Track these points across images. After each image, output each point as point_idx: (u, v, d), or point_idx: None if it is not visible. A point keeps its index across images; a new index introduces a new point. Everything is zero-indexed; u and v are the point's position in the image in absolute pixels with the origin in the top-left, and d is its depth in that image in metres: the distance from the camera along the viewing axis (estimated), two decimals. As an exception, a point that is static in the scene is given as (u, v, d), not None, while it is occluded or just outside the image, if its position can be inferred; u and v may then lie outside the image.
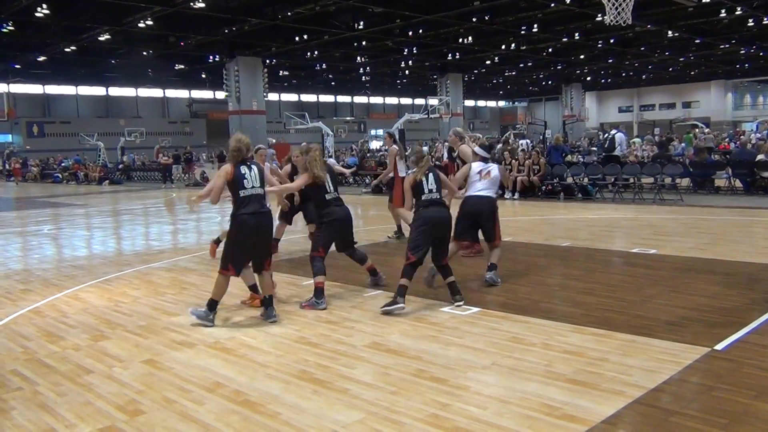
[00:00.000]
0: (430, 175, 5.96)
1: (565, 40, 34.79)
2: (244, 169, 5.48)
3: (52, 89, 51.52)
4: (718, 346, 4.55)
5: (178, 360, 4.75)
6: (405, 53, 38.81)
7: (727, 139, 28.74)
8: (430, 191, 5.89)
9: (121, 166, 33.56)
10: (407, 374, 4.27)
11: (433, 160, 18.58)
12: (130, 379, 4.39)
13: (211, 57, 37.50)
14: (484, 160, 6.85)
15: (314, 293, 6.06)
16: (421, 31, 32.12)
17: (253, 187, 5.48)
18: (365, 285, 6.83)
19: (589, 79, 57.59)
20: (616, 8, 11.64)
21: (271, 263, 5.77)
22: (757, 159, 14.97)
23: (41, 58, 35.61)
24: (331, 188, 6.24)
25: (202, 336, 5.31)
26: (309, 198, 7.26)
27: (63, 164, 35.94)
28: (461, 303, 5.86)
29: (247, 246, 5.53)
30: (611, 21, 11.77)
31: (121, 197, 22.90)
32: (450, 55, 39.93)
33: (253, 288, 5.98)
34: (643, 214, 12.29)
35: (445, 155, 12.54)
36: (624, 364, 4.27)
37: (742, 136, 26.55)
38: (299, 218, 9.05)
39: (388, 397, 3.91)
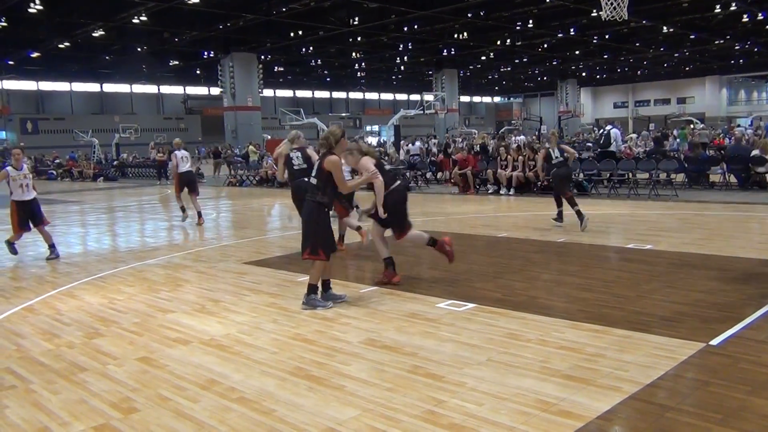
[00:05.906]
0: None
1: (560, 35, 34.84)
2: None
3: (46, 85, 51.32)
4: (714, 342, 4.55)
5: (173, 357, 4.73)
6: (400, 49, 38.82)
7: (721, 135, 28.78)
8: None
9: (115, 163, 33.39)
10: (403, 371, 4.26)
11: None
12: (124, 377, 4.36)
13: (205, 53, 37.42)
14: None
15: None
16: (416, 26, 32.13)
17: None
18: (360, 281, 6.81)
19: (584, 74, 57.73)
20: (612, 4, 11.64)
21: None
22: (751, 154, 14.99)
23: (35, 55, 35.47)
24: None
25: (197, 333, 5.29)
26: None
27: (57, 161, 35.79)
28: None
29: None
30: (607, 17, 11.77)
31: (116, 194, 22.82)
32: (445, 50, 39.94)
33: None
34: (638, 209, 12.30)
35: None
36: (620, 360, 4.27)
37: (736, 131, 26.59)
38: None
39: (384, 393, 3.90)
